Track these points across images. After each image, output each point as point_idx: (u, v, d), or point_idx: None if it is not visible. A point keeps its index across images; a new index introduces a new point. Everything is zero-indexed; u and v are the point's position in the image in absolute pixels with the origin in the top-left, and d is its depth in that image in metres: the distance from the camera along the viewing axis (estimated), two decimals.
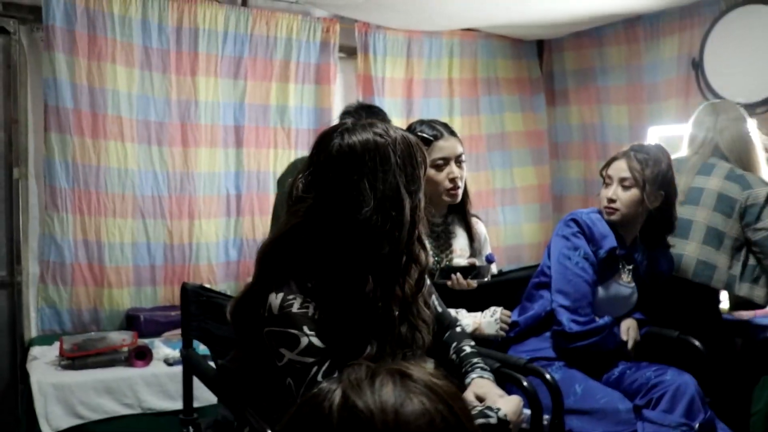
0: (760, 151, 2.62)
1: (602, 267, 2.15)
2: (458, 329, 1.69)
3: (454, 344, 1.63)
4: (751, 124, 2.66)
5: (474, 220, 2.34)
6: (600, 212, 2.20)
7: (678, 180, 2.31)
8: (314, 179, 1.28)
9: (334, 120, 3.56)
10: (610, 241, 2.15)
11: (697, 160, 2.59)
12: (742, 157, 2.53)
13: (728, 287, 2.51)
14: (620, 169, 2.18)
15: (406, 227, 1.25)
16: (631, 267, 2.24)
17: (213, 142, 3.53)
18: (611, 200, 2.16)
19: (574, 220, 2.17)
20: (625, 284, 2.23)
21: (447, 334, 1.66)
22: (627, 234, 2.22)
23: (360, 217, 1.22)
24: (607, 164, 2.22)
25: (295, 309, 1.25)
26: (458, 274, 2.10)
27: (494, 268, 2.28)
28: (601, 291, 2.17)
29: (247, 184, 3.64)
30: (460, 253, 2.27)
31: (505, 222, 4.37)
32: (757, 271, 2.50)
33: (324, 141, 1.30)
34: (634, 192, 2.13)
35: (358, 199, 1.22)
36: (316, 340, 1.24)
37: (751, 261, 2.50)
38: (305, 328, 1.24)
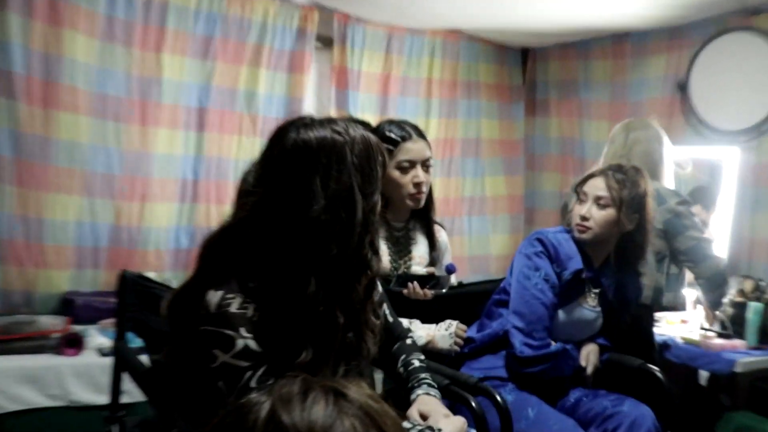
0: (668, 164, 2.78)
1: (566, 289, 2.14)
2: (409, 341, 1.68)
3: (403, 357, 1.62)
4: (666, 142, 2.79)
5: (436, 227, 2.32)
6: (569, 231, 2.18)
7: None
8: (265, 173, 1.27)
9: (306, 110, 3.66)
10: (576, 263, 2.13)
11: None
12: (650, 170, 2.54)
13: (655, 301, 2.64)
14: (597, 187, 2.15)
15: (357, 230, 1.24)
16: (597, 291, 2.22)
17: (174, 123, 3.45)
18: (584, 218, 2.13)
19: (540, 240, 2.15)
20: (589, 308, 2.21)
21: (396, 346, 1.65)
22: (596, 255, 2.20)
23: (309, 216, 1.21)
24: (583, 180, 2.20)
25: (233, 309, 1.22)
26: (415, 282, 2.09)
27: (454, 279, 2.28)
28: (563, 314, 2.15)
29: (206, 170, 3.57)
30: (419, 260, 2.25)
31: (471, 231, 4.36)
32: (680, 279, 2.70)
33: (279, 134, 1.29)
34: (610, 212, 2.10)
35: (309, 196, 1.21)
36: (252, 344, 1.21)
37: (672, 270, 2.68)
38: (242, 330, 1.21)
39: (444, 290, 2.13)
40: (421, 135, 2.19)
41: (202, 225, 3.52)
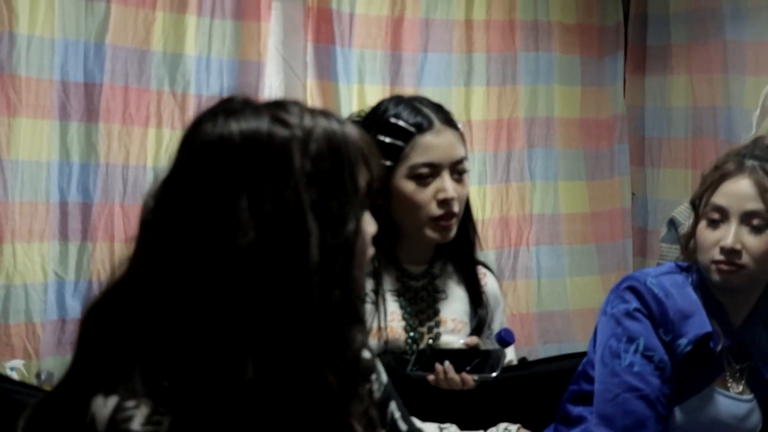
0: None
1: (688, 368, 2.03)
2: None
3: None
4: None
5: (480, 271, 2.27)
6: (685, 268, 2.09)
7: None
8: (168, 192, 1.20)
9: (267, 82, 3.53)
10: (700, 324, 2.00)
11: None
12: None
13: None
14: (744, 195, 1.98)
15: (312, 279, 1.14)
16: (744, 366, 2.07)
17: (41, 111, 3.18)
18: (733, 250, 1.94)
19: (633, 289, 2.02)
20: (734, 396, 2.06)
21: None
22: (737, 309, 2.06)
23: (231, 256, 1.13)
24: (713, 185, 2.03)
25: (136, 426, 1.13)
26: (447, 362, 1.98)
27: (512, 355, 2.26)
28: (685, 412, 2.03)
29: (103, 187, 3.30)
30: (453, 326, 2.17)
31: (540, 273, 4.08)
32: None
33: (191, 129, 1.21)
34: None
35: (230, 225, 1.14)
36: None
37: None
38: None
39: (495, 374, 1.98)
40: (449, 121, 2.09)
41: (102, 277, 3.32)
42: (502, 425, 2.10)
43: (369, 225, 1.27)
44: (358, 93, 3.62)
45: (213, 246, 1.17)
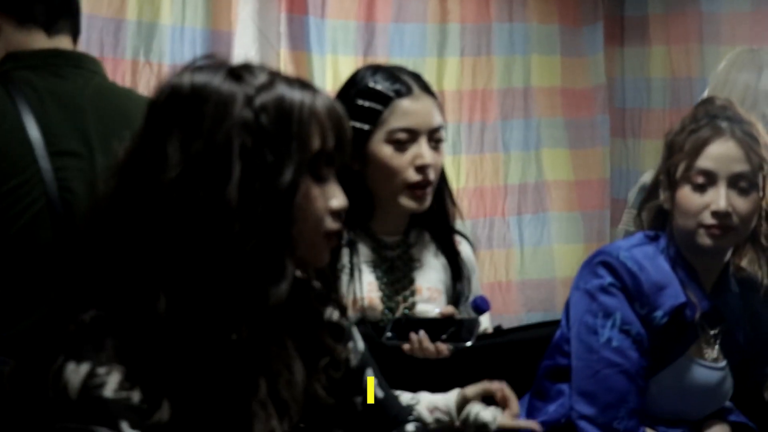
0: None
1: (664, 339, 2.06)
2: (411, 427, 1.62)
3: None
4: None
5: (456, 239, 2.30)
6: (654, 238, 2.10)
7: None
8: (129, 140, 1.28)
9: (242, 53, 3.47)
10: (674, 295, 2.04)
11: None
12: None
13: None
14: (732, 157, 2.01)
15: (230, 222, 1.17)
16: (717, 331, 2.12)
17: None
18: (726, 213, 1.98)
19: (607, 264, 2.05)
20: (708, 365, 2.11)
21: None
22: (709, 273, 2.11)
23: (156, 190, 1.19)
24: (695, 150, 2.03)
25: (108, 392, 1.17)
26: (422, 332, 1.98)
27: (486, 322, 2.23)
28: (663, 381, 2.06)
29: None
30: (428, 294, 2.20)
31: (522, 241, 4.07)
32: None
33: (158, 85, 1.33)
34: (754, 197, 2.01)
35: (160, 161, 1.20)
36: None
37: None
38: (125, 426, 1.17)
39: (469, 342, 1.99)
40: (427, 89, 2.13)
41: None
42: (477, 406, 2.06)
43: (334, 197, 1.30)
44: (332, 64, 3.62)
45: (142, 182, 1.22)
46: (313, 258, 1.32)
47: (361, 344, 1.54)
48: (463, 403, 1.89)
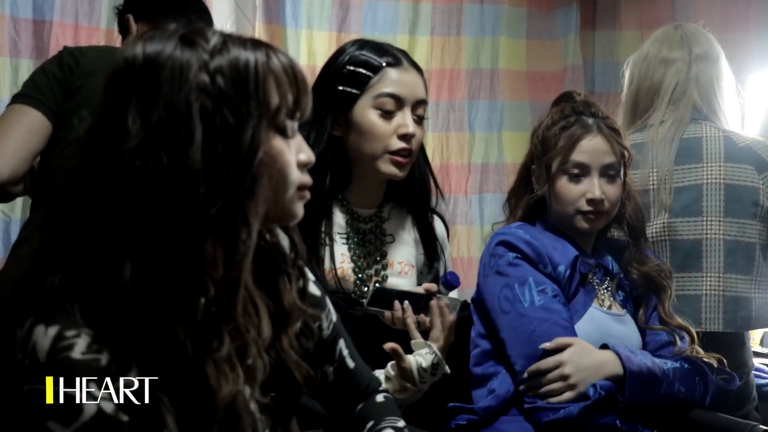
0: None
1: (571, 290, 2.19)
2: (381, 398, 1.66)
3: (371, 425, 1.60)
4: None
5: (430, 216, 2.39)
6: (531, 223, 2.28)
7: (645, 172, 2.58)
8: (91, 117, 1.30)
9: (218, 25, 3.27)
10: (568, 251, 2.21)
11: (671, 130, 2.63)
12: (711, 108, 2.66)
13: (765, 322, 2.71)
14: (601, 151, 2.21)
15: (195, 185, 1.17)
16: (608, 285, 2.27)
17: None
18: (600, 200, 2.18)
19: (505, 243, 2.19)
20: (615, 313, 2.24)
21: (361, 406, 1.63)
22: (586, 245, 2.30)
23: (115, 161, 1.19)
24: (570, 146, 2.20)
25: (76, 354, 1.17)
26: (407, 302, 2.05)
27: (455, 296, 2.26)
28: (584, 329, 2.14)
29: None
30: (400, 269, 2.25)
31: (483, 218, 4.05)
32: None
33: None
34: (618, 183, 2.23)
35: (119, 131, 1.20)
36: (110, 408, 1.17)
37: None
38: (93, 388, 1.16)
39: (452, 317, 2.10)
40: (415, 64, 2.20)
41: None
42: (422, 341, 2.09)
43: (301, 151, 1.30)
44: (306, 38, 3.61)
45: (105, 154, 1.22)
46: (287, 213, 1.33)
47: (334, 315, 1.56)
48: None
